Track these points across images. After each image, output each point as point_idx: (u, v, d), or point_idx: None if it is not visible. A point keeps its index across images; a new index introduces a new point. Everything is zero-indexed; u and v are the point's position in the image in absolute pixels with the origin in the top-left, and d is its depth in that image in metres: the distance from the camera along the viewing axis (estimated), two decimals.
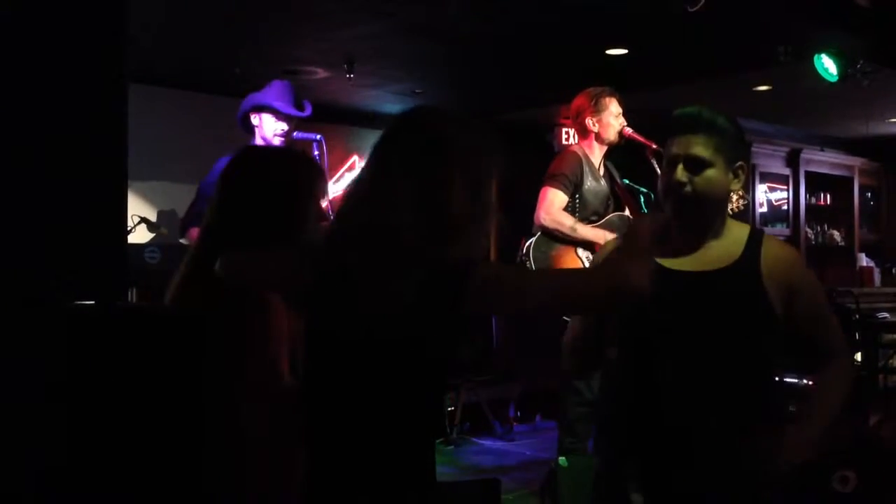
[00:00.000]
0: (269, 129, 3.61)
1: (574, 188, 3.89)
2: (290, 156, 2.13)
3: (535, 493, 3.70)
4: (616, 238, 2.21)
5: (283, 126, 3.61)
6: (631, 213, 4.06)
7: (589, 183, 3.92)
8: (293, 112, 3.63)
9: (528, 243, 3.88)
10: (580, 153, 3.96)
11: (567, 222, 3.85)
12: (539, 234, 3.88)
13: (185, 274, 1.89)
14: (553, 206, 3.85)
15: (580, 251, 3.89)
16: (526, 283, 1.58)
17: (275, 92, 3.64)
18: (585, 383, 3.86)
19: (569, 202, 3.89)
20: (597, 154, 3.99)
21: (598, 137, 3.97)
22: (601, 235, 3.88)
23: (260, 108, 3.61)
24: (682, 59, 5.61)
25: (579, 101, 4.01)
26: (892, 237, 8.79)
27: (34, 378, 1.33)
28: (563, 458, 2.99)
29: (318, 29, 4.99)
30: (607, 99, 3.95)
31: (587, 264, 3.87)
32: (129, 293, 3.47)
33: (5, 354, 1.36)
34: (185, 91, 6.24)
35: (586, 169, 3.92)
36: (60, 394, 1.33)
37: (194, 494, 1.59)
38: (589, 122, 3.96)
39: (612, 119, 3.95)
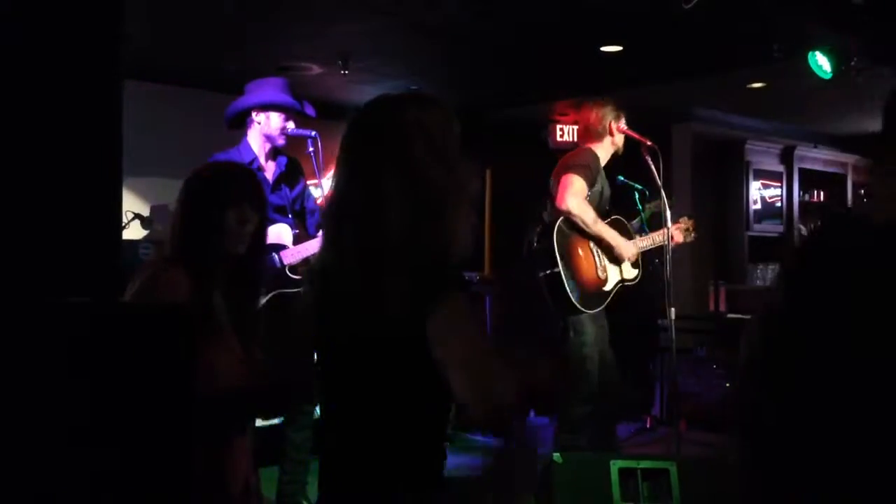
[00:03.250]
0: (276, 126, 3.57)
1: (591, 183, 3.91)
2: (216, 168, 2.40)
3: None
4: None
5: (292, 124, 3.60)
6: (620, 215, 4.09)
7: (599, 184, 3.95)
8: (303, 110, 3.62)
9: (555, 221, 3.84)
10: (596, 153, 3.99)
11: (591, 213, 3.85)
12: (562, 218, 3.86)
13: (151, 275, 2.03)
14: (581, 193, 3.83)
15: (594, 248, 3.89)
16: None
17: (280, 91, 3.61)
18: (587, 381, 3.86)
19: None
20: (604, 159, 4.03)
21: (614, 148, 4.04)
22: (614, 237, 3.89)
23: (268, 107, 3.57)
24: (676, 56, 5.62)
25: (595, 120, 4.03)
26: None
27: (28, 375, 1.32)
28: (558, 454, 3.00)
29: (313, 25, 4.98)
30: (613, 123, 4.01)
31: (598, 261, 3.87)
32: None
33: None
34: (180, 87, 6.23)
35: (600, 168, 3.98)
36: (55, 391, 1.33)
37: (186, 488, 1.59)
38: (608, 139, 4.02)
39: (619, 134, 4.03)
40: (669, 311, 3.93)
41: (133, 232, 5.28)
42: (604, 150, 4.01)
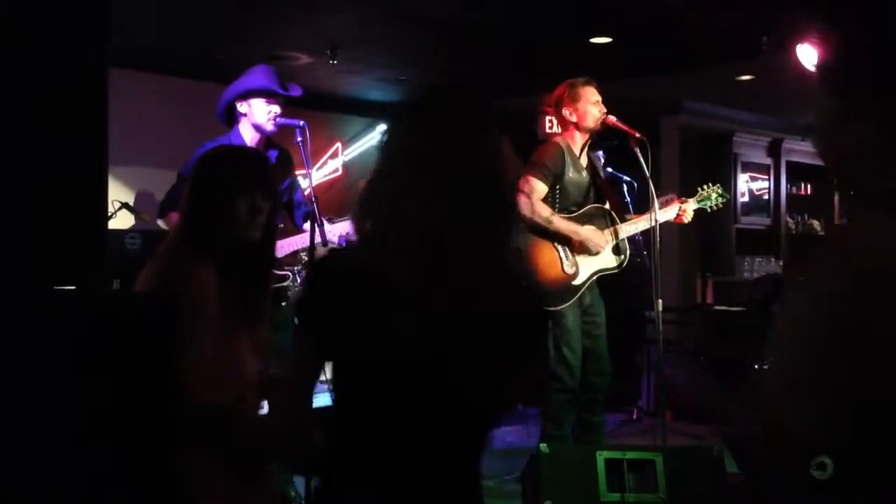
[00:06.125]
0: (260, 113, 3.49)
1: (555, 179, 3.91)
2: (224, 154, 2.26)
3: (517, 480, 3.72)
4: None
5: (276, 108, 3.51)
6: (611, 206, 4.08)
7: (570, 174, 3.94)
8: (286, 92, 3.56)
9: None
10: (563, 144, 3.96)
11: (544, 213, 3.86)
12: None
13: (162, 268, 1.99)
14: (532, 194, 3.87)
15: (557, 244, 3.92)
16: None
17: (261, 76, 3.56)
18: (568, 371, 3.89)
19: (549, 192, 3.91)
20: (578, 144, 4.00)
21: (578, 126, 3.97)
22: (575, 229, 3.90)
23: (248, 94, 3.51)
24: (665, 48, 5.63)
25: (556, 92, 4.02)
26: None
27: (12, 365, 1.32)
28: (545, 444, 3.01)
29: (302, 15, 4.96)
30: (581, 88, 3.95)
31: (563, 256, 3.90)
32: (114, 283, 3.43)
33: None
34: (167, 76, 6.20)
35: (568, 160, 3.93)
36: (40, 380, 1.33)
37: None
38: (566, 112, 3.97)
39: (590, 106, 3.94)
40: (656, 302, 3.95)
41: (120, 221, 5.26)
42: (573, 137, 3.99)
